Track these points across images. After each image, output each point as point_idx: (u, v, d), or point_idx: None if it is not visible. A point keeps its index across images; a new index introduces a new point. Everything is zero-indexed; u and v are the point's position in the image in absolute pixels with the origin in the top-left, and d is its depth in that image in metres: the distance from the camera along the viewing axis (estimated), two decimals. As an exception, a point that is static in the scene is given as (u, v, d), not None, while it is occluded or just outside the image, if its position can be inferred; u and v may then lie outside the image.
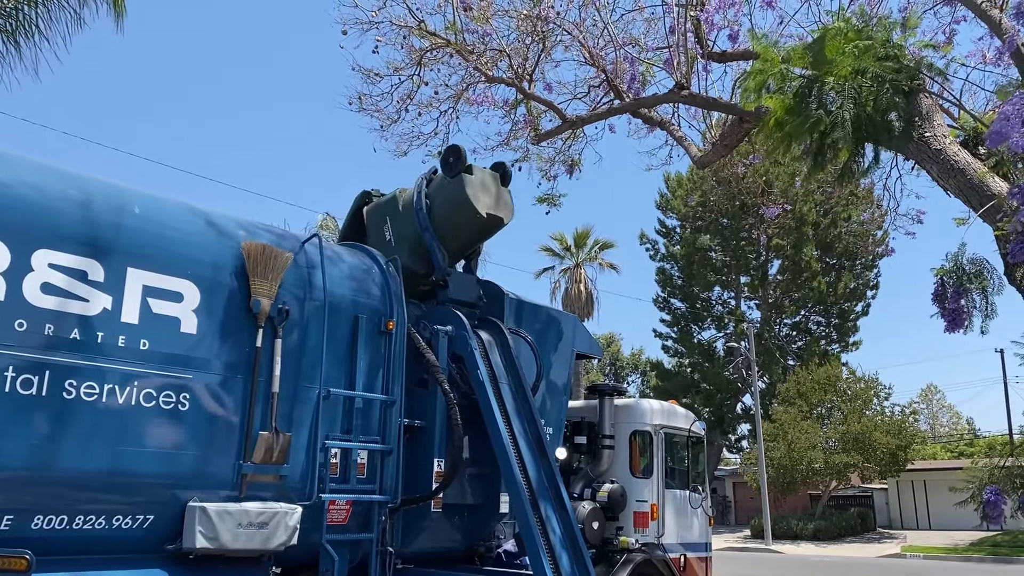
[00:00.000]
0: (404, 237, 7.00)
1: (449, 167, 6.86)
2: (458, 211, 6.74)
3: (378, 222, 7.29)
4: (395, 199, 7.25)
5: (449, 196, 6.81)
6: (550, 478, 6.22)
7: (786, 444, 34.54)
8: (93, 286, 4.41)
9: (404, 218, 7.03)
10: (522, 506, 5.90)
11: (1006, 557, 26.66)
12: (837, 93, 5.74)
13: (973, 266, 6.35)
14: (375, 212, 7.39)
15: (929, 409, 65.21)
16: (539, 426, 6.42)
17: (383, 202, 7.38)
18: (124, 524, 4.39)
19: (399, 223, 7.09)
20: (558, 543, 5.92)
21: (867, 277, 42.77)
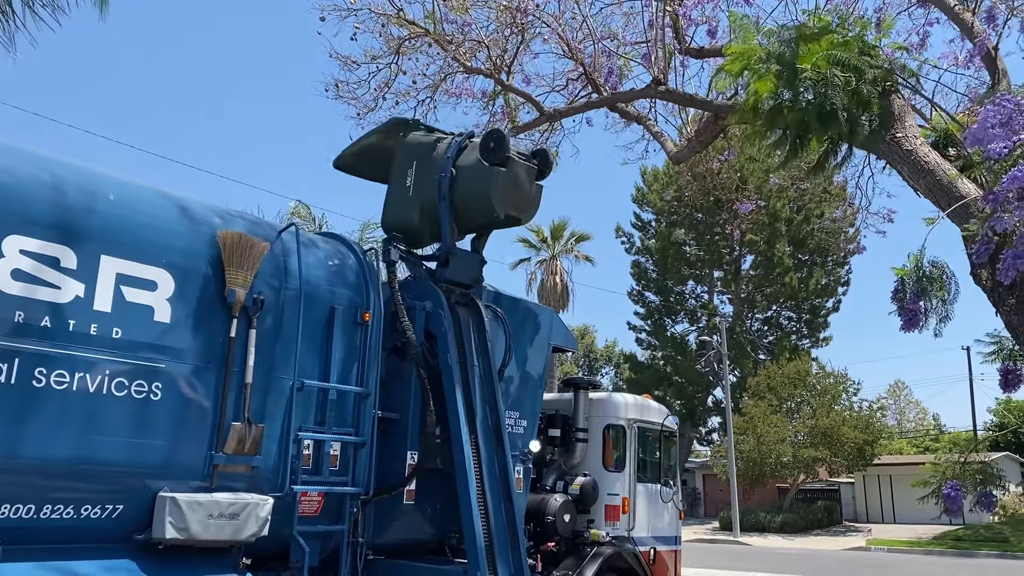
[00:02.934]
0: (423, 192, 6.75)
1: (487, 152, 6.50)
2: (477, 201, 6.56)
3: (406, 161, 6.87)
4: (432, 145, 6.84)
5: (474, 182, 6.55)
6: (503, 468, 6.30)
7: (755, 437, 34.93)
8: (65, 273, 4.35)
9: (430, 171, 6.72)
10: (467, 495, 5.97)
11: (967, 551, 27.19)
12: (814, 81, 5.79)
13: (935, 270, 6.46)
14: (408, 149, 6.92)
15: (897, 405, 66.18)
16: (500, 414, 6.47)
17: (422, 142, 6.91)
18: (93, 514, 4.35)
19: (425, 174, 6.76)
20: (498, 533, 6.02)
21: (838, 274, 43.30)
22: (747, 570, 20.85)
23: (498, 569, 5.86)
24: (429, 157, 6.77)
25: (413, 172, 6.79)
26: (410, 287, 6.69)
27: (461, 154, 6.68)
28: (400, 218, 6.88)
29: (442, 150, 6.75)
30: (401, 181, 6.86)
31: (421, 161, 6.80)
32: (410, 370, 6.31)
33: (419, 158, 6.83)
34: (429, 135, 7.05)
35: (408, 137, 7.04)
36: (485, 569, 5.77)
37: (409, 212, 6.78)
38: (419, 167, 6.78)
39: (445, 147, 6.76)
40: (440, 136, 6.96)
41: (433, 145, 6.85)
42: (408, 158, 6.90)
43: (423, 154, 6.82)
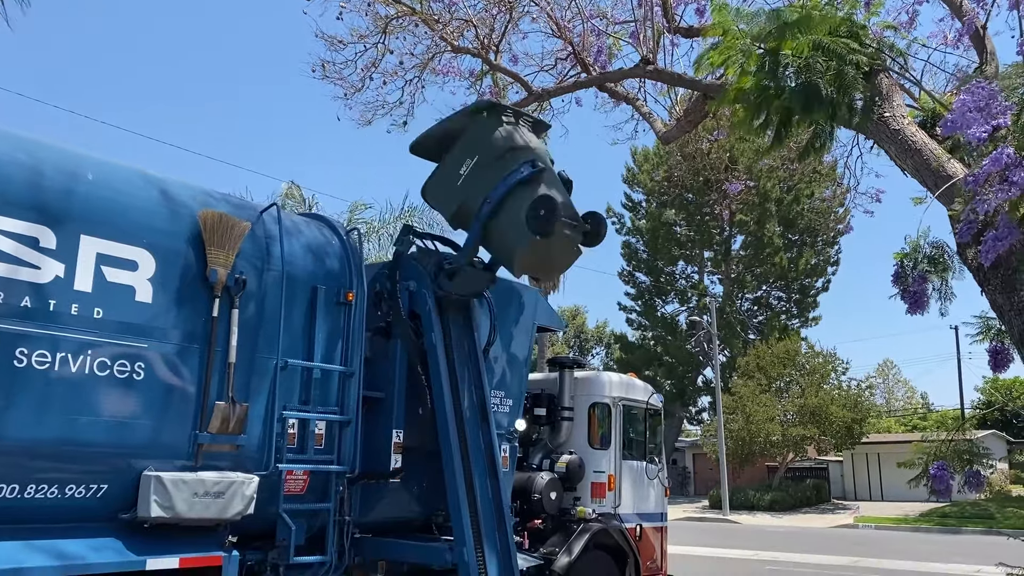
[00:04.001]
0: (467, 192, 6.36)
1: (534, 219, 5.90)
2: (503, 251, 6.34)
3: (470, 149, 6.35)
4: (500, 153, 6.24)
5: (508, 234, 6.16)
6: (488, 446, 6.35)
7: (745, 417, 35.17)
8: (45, 253, 4.33)
9: (485, 175, 6.26)
10: (452, 472, 6.02)
11: (953, 528, 27.50)
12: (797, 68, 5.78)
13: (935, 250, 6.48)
14: (477, 137, 6.35)
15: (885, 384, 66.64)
16: (485, 393, 6.51)
17: (492, 142, 6.28)
18: (77, 493, 4.36)
19: (477, 178, 6.30)
20: (484, 510, 6.07)
21: (828, 254, 43.43)
22: (736, 548, 21.05)
23: (484, 546, 5.91)
24: (490, 164, 6.25)
25: (470, 166, 6.38)
26: (394, 267, 6.70)
27: (518, 188, 6.12)
28: (439, 200, 6.80)
29: (505, 166, 6.17)
30: (456, 165, 6.45)
31: (481, 163, 6.31)
32: (394, 350, 6.33)
33: (481, 156, 6.32)
34: (509, 128, 6.39)
35: (484, 123, 6.42)
36: (471, 546, 5.82)
37: (449, 201, 6.59)
38: (476, 167, 6.33)
39: (509, 166, 6.15)
40: (510, 144, 6.30)
41: (502, 153, 6.24)
42: (472, 148, 6.40)
43: (486, 158, 6.29)
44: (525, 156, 6.23)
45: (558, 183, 6.31)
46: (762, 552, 20.08)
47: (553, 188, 6.14)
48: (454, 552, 5.91)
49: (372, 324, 6.33)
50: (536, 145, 6.46)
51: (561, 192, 6.23)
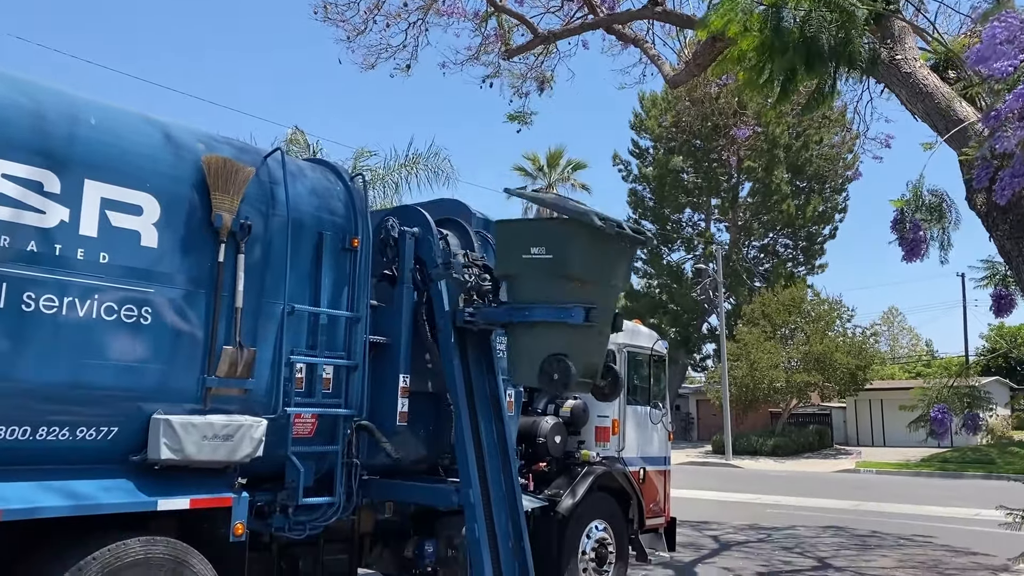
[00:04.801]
0: (523, 273, 5.80)
1: (545, 377, 5.58)
2: (512, 354, 6.06)
3: (547, 242, 5.66)
4: (570, 265, 5.59)
5: (522, 353, 5.83)
6: (493, 390, 6.42)
7: (749, 364, 35.35)
8: (49, 198, 4.32)
9: (540, 279, 5.68)
10: (459, 416, 6.12)
11: (953, 472, 27.82)
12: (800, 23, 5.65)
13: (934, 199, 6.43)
14: (564, 241, 5.63)
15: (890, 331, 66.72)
16: (492, 335, 6.54)
17: (571, 250, 5.56)
18: (88, 435, 4.42)
19: (539, 273, 5.68)
20: (489, 453, 6.16)
21: (835, 201, 43.15)
22: (738, 492, 21.35)
23: (490, 487, 6.01)
24: (552, 273, 5.64)
25: (538, 256, 5.68)
26: (400, 213, 6.70)
27: (558, 324, 5.59)
28: (500, 243, 6.15)
29: (562, 289, 5.65)
30: (531, 238, 5.80)
31: (546, 266, 5.65)
32: (400, 296, 6.35)
33: (553, 262, 5.63)
34: (595, 255, 5.68)
35: (580, 233, 5.61)
36: (477, 487, 5.91)
37: (506, 258, 5.99)
38: (541, 264, 5.67)
39: (565, 293, 5.62)
40: (611, 254, 5.74)
41: (568, 274, 5.64)
42: (550, 244, 5.69)
43: (554, 266, 5.63)
44: (588, 295, 5.56)
45: (599, 339, 5.75)
46: (764, 496, 20.37)
47: (591, 343, 5.63)
48: (460, 493, 6.01)
49: (377, 270, 6.35)
50: (613, 283, 5.85)
51: (597, 350, 5.76)
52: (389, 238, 6.38)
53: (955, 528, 14.41)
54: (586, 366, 5.54)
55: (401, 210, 6.95)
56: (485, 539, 5.78)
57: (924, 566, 10.71)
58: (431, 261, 6.40)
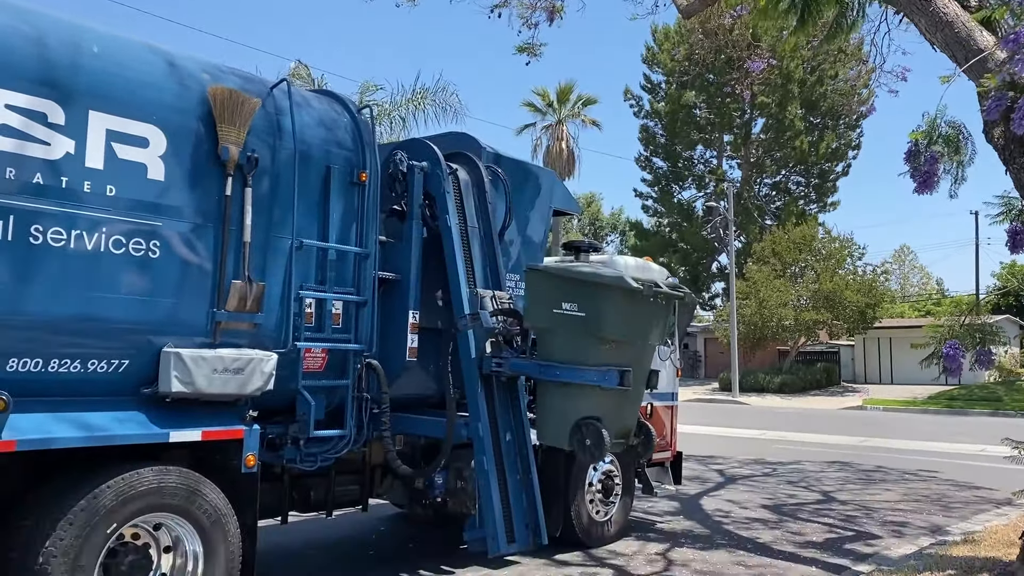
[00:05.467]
0: (555, 328, 5.66)
1: (579, 443, 5.43)
2: (540, 414, 5.96)
3: (583, 301, 5.48)
4: (606, 328, 5.46)
5: (551, 411, 5.72)
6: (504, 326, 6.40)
7: (758, 302, 35.36)
8: (54, 129, 4.27)
9: (575, 336, 5.52)
10: (468, 351, 6.16)
11: (960, 409, 28.00)
12: None
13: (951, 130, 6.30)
14: (601, 302, 5.44)
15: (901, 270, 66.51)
16: (501, 274, 6.56)
17: (611, 315, 5.38)
18: (100, 368, 4.45)
19: (573, 331, 5.53)
20: (498, 387, 6.22)
21: (849, 137, 42.58)
22: (744, 428, 21.57)
23: (498, 421, 6.06)
24: (588, 334, 5.51)
25: (570, 313, 5.51)
26: (408, 147, 6.63)
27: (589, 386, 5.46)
28: (530, 287, 6.04)
29: (598, 353, 5.47)
30: (564, 292, 5.64)
31: (579, 325, 5.50)
32: (409, 231, 6.32)
33: (586, 320, 5.48)
34: (633, 321, 5.56)
35: (621, 296, 5.49)
36: (486, 421, 5.97)
37: (536, 309, 5.88)
38: (573, 322, 5.54)
39: (599, 356, 5.44)
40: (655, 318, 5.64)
41: (605, 338, 5.52)
42: (585, 303, 5.51)
43: (589, 326, 5.49)
44: (623, 357, 5.35)
45: (634, 400, 5.57)
46: (769, 432, 20.57)
47: (626, 405, 5.43)
48: (469, 427, 6.07)
49: (386, 206, 6.30)
50: (649, 343, 5.60)
51: (632, 411, 5.55)
52: (398, 172, 6.32)
53: (960, 463, 14.54)
54: (620, 430, 5.34)
55: (409, 144, 6.87)
56: (493, 471, 5.86)
57: (928, 500, 10.84)
58: (440, 196, 6.36)
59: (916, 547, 7.86)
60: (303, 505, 6.29)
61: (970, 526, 8.83)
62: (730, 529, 8.79)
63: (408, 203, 6.36)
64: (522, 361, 5.90)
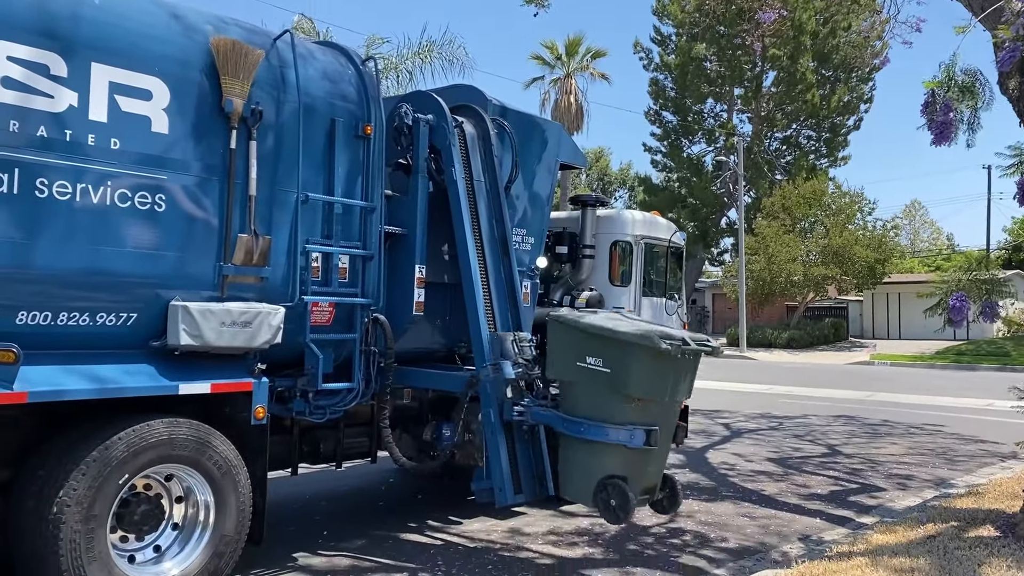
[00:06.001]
0: (578, 380, 5.41)
1: (603, 504, 5.16)
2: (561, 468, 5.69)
3: (607, 356, 5.17)
4: (632, 386, 5.15)
5: (573, 464, 5.45)
6: (509, 279, 6.47)
7: (767, 257, 35.27)
8: (56, 81, 4.24)
9: (600, 392, 5.27)
10: (475, 304, 6.17)
11: (968, 365, 28.02)
12: None
13: (967, 78, 6.19)
14: (628, 359, 5.13)
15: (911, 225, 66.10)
16: (507, 227, 6.55)
17: (637, 373, 5.10)
18: (108, 321, 4.48)
19: (598, 387, 5.25)
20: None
21: (861, 91, 42.00)
22: (751, 382, 21.66)
23: None
24: (613, 391, 5.19)
25: (595, 367, 5.27)
26: (413, 100, 6.57)
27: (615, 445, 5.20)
28: (553, 335, 5.75)
29: (623, 411, 5.21)
30: (587, 348, 5.38)
31: (605, 382, 5.22)
32: (415, 185, 6.30)
33: (611, 377, 5.19)
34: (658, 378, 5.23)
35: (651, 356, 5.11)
36: (491, 373, 6.00)
37: (560, 358, 5.61)
38: (599, 378, 5.25)
39: (625, 415, 5.19)
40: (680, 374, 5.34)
41: (630, 395, 5.22)
42: (610, 360, 5.21)
43: (614, 383, 5.19)
44: (650, 415, 5.12)
45: (660, 456, 5.33)
46: (776, 386, 20.67)
47: (652, 462, 5.22)
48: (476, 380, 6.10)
49: (392, 159, 6.27)
50: (676, 399, 5.33)
51: (657, 467, 5.32)
52: (403, 126, 6.27)
53: (966, 418, 14.60)
54: (645, 487, 5.19)
55: (414, 96, 6.81)
56: (500, 424, 5.90)
57: (933, 453, 10.92)
58: (446, 149, 6.31)
59: (920, 499, 7.93)
60: (313, 457, 6.38)
61: (974, 479, 8.90)
62: (735, 482, 8.88)
63: (414, 157, 6.32)
64: (545, 412, 5.70)
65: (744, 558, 6.10)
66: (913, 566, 5.15)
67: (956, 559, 5.29)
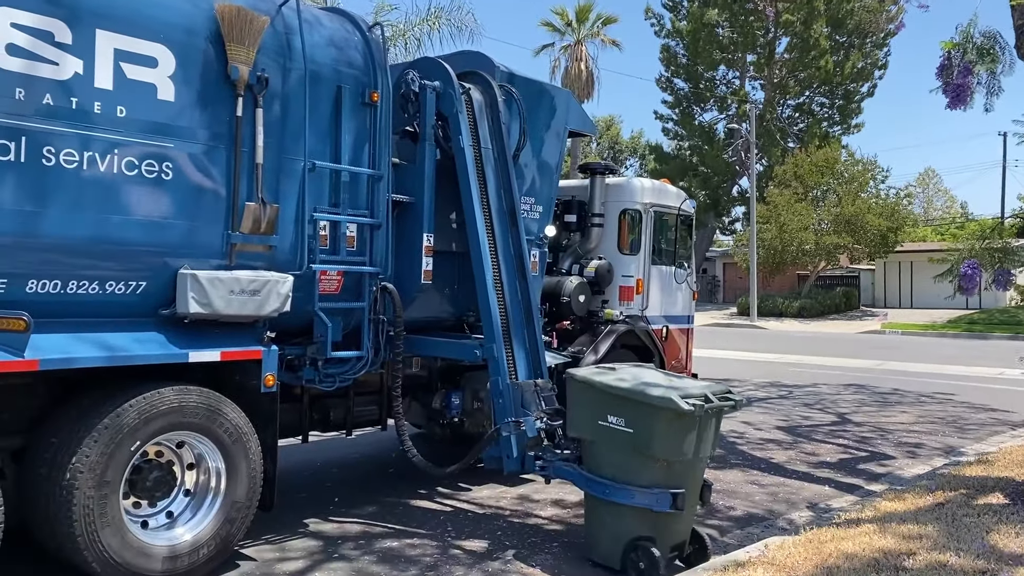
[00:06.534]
0: (599, 440, 5.24)
1: (632, 567, 4.97)
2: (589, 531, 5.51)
3: (629, 416, 5.01)
4: (656, 448, 4.98)
5: (602, 526, 5.24)
6: (517, 249, 6.44)
7: (778, 226, 35.08)
8: (62, 48, 4.21)
9: (622, 454, 5.12)
10: (483, 274, 6.16)
11: (980, 333, 27.92)
12: None
13: (985, 40, 6.08)
14: (649, 423, 4.95)
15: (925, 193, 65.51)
16: (515, 196, 6.51)
17: (661, 437, 4.93)
18: (117, 289, 4.49)
19: (620, 449, 5.12)
20: (513, 309, 6.25)
21: (876, 57, 41.45)
22: (760, 351, 21.65)
23: (513, 344, 6.10)
24: (638, 452, 5.04)
25: (617, 427, 5.10)
26: (420, 66, 6.51)
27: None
28: (573, 396, 5.56)
29: (649, 472, 5.05)
30: (607, 404, 5.22)
31: (627, 442, 5.07)
32: (423, 153, 6.27)
33: (634, 438, 5.03)
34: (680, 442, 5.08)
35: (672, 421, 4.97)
36: (500, 342, 6.01)
37: (582, 416, 5.40)
38: (620, 440, 5.11)
39: (648, 475, 5.03)
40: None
41: (651, 454, 5.07)
42: (632, 419, 5.06)
43: (638, 445, 5.03)
44: (675, 477, 5.00)
45: (688, 515, 5.22)
46: (787, 355, 20.66)
47: (679, 522, 5.12)
48: (484, 348, 6.12)
49: (399, 127, 6.23)
50: (701, 456, 5.18)
51: (686, 525, 5.22)
52: (410, 92, 6.23)
53: (977, 386, 14.58)
54: (673, 546, 5.10)
55: (421, 63, 6.75)
56: (508, 386, 5.92)
57: (943, 421, 10.92)
58: (453, 117, 6.27)
59: (929, 467, 7.95)
60: (323, 425, 6.42)
61: (984, 447, 8.90)
62: (744, 450, 8.91)
63: (420, 124, 6.28)
64: (568, 468, 5.52)
65: (752, 525, 6.14)
66: (921, 532, 5.16)
67: (965, 526, 5.30)
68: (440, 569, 5.06)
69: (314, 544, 5.50)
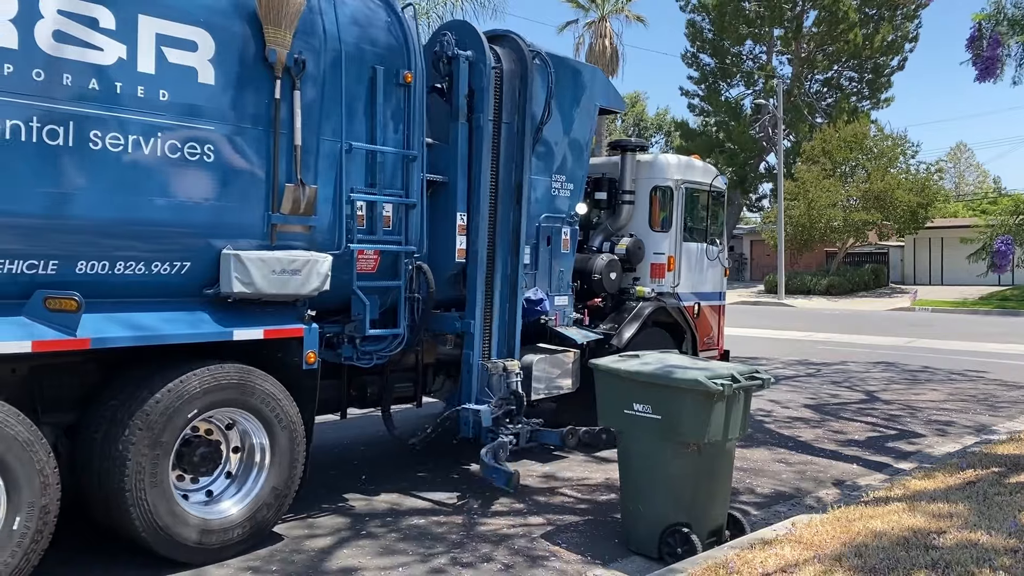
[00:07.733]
0: (628, 432, 5.21)
1: (672, 556, 4.86)
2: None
3: (661, 412, 4.92)
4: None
5: (638, 517, 5.19)
6: (515, 225, 6.61)
7: (806, 202, 34.75)
8: (105, 34, 4.30)
9: (651, 461, 5.11)
10: (476, 248, 6.36)
11: (1012, 310, 27.56)
12: None
13: (1017, 10, 6.00)
14: (686, 419, 4.88)
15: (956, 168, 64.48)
16: (525, 173, 6.61)
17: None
18: (163, 270, 4.61)
19: (651, 450, 5.06)
20: (501, 285, 6.53)
21: (906, 29, 40.72)
22: (789, 329, 21.56)
23: (494, 318, 6.51)
24: (674, 458, 5.00)
25: (643, 412, 5.06)
26: (455, 28, 6.62)
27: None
28: (602, 397, 5.49)
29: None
30: (635, 394, 5.21)
31: (659, 454, 5.07)
32: (456, 133, 6.32)
33: (664, 443, 5.00)
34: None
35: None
36: (480, 319, 6.39)
37: (610, 410, 5.37)
38: (650, 445, 5.09)
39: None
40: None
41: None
42: (665, 419, 5.00)
43: (669, 440, 4.98)
44: (707, 459, 4.97)
45: (724, 498, 5.22)
46: (815, 333, 20.56)
47: (715, 507, 5.11)
48: (463, 322, 6.41)
49: (429, 84, 6.29)
50: (730, 438, 5.12)
51: (722, 507, 5.18)
52: (443, 55, 6.36)
53: (1009, 364, 14.44)
54: (711, 531, 5.05)
55: (456, 25, 6.83)
56: (479, 363, 6.35)
57: (974, 399, 10.84)
58: (479, 91, 6.33)
59: (960, 445, 7.92)
60: (360, 402, 6.53)
61: (1016, 425, 8.85)
62: (771, 428, 8.93)
63: (454, 102, 6.33)
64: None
65: (779, 503, 6.17)
66: (951, 511, 5.14)
67: (996, 505, 5.27)
68: (466, 547, 5.13)
69: (342, 521, 5.60)
